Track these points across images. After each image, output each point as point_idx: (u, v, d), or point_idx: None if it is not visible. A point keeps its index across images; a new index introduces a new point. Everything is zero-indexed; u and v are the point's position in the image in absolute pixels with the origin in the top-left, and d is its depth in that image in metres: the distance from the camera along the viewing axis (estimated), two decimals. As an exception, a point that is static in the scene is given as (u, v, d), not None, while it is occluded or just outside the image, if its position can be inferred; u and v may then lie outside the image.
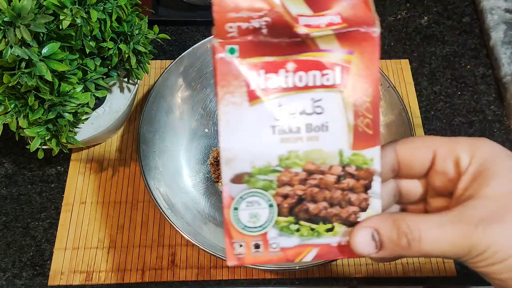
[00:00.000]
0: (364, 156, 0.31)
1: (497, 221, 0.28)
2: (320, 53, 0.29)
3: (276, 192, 0.31)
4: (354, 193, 0.31)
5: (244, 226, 0.32)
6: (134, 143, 0.64)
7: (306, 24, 0.28)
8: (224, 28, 0.28)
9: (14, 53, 0.42)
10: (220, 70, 0.29)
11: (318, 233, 0.32)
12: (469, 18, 0.76)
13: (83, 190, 0.61)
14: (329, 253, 0.32)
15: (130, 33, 0.53)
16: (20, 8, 0.41)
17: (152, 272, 0.56)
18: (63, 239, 0.58)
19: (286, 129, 0.30)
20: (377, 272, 0.56)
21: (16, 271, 0.56)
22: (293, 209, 0.31)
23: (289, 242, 0.32)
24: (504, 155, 0.30)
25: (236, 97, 0.30)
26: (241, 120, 0.30)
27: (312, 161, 0.31)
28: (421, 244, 0.29)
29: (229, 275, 0.55)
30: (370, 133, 0.30)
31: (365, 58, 0.29)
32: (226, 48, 0.29)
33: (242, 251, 0.32)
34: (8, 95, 0.47)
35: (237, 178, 0.31)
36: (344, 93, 0.30)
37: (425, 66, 0.71)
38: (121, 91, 0.59)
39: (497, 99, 0.69)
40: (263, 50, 0.29)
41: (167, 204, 0.53)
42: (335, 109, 0.30)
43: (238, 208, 0.31)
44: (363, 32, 0.29)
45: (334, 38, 0.29)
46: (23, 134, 0.49)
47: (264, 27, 0.28)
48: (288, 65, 0.29)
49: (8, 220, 0.59)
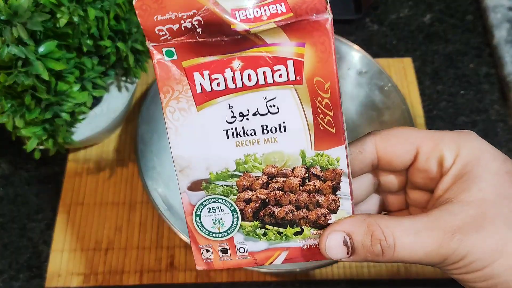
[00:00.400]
0: (329, 156, 0.29)
1: (475, 229, 0.27)
2: (267, 47, 0.27)
3: (238, 197, 0.30)
4: (322, 194, 0.30)
5: (208, 232, 0.31)
6: (132, 143, 0.64)
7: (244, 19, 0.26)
8: (154, 31, 0.26)
9: (10, 51, 0.41)
10: (161, 76, 0.28)
11: (287, 237, 0.31)
12: (472, 16, 0.75)
13: (80, 191, 0.60)
14: (299, 256, 0.31)
15: (128, 31, 0.52)
16: (17, 6, 0.40)
17: (151, 274, 0.55)
18: (60, 241, 0.57)
19: (240, 132, 0.29)
20: (379, 274, 0.55)
21: (13, 273, 0.55)
22: (257, 213, 0.31)
23: (257, 246, 0.31)
24: (491, 155, 0.29)
25: (182, 103, 0.28)
26: (191, 126, 0.29)
27: (272, 164, 0.30)
28: (395, 251, 0.28)
29: (228, 278, 0.55)
30: (333, 132, 0.28)
31: (319, 50, 0.27)
32: (163, 51, 0.27)
33: (210, 256, 0.32)
34: (5, 95, 0.46)
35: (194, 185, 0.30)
36: (299, 90, 0.28)
37: (428, 65, 0.71)
38: (119, 90, 0.59)
39: (501, 98, 0.68)
40: (204, 50, 0.27)
41: (165, 205, 0.52)
42: (292, 108, 0.28)
43: (200, 215, 0.31)
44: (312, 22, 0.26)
45: (281, 31, 0.26)
46: (20, 134, 0.49)
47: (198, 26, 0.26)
48: (234, 63, 0.27)
49: (5, 221, 0.58)
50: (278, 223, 0.31)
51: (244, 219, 0.31)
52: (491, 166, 0.29)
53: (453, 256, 0.27)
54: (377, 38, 0.73)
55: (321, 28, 0.26)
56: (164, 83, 0.28)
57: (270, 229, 0.31)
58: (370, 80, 0.61)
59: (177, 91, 0.28)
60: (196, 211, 0.31)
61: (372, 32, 0.74)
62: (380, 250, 0.28)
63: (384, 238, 0.28)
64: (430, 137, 0.31)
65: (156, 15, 0.26)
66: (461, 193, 0.28)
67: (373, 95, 0.61)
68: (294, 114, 0.28)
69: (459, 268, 0.28)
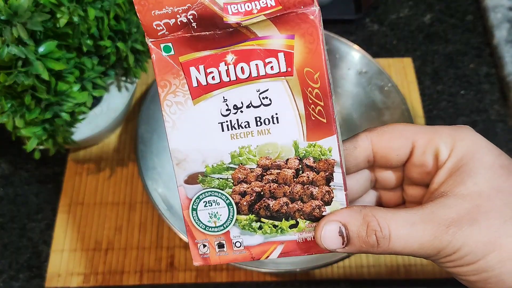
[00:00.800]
0: (321, 147, 0.29)
1: (469, 223, 0.27)
2: (259, 41, 0.28)
3: (233, 190, 0.31)
4: (316, 186, 0.30)
5: (205, 226, 0.31)
6: (132, 143, 0.63)
7: (236, 12, 0.27)
8: (152, 27, 0.27)
9: (10, 52, 0.41)
10: (159, 70, 0.29)
11: (282, 230, 0.31)
12: (472, 16, 0.75)
13: (80, 191, 0.60)
14: (295, 250, 0.31)
15: (128, 31, 0.52)
16: (17, 6, 0.40)
17: (151, 274, 0.55)
18: (60, 241, 0.57)
19: (234, 124, 0.29)
20: (379, 274, 0.55)
21: (12, 273, 0.55)
22: (253, 206, 0.31)
23: (253, 240, 0.31)
24: (485, 149, 0.29)
25: (179, 97, 0.29)
26: (187, 120, 0.29)
27: (266, 156, 0.30)
28: (390, 242, 0.28)
29: (228, 278, 0.55)
30: (324, 122, 0.29)
31: (307, 41, 0.28)
32: (161, 46, 0.28)
33: (207, 251, 0.32)
34: (5, 95, 0.46)
35: (191, 178, 0.31)
36: (291, 81, 0.28)
37: (428, 65, 0.71)
38: (119, 90, 0.59)
39: (501, 99, 0.68)
40: (199, 45, 0.28)
41: (165, 205, 0.52)
42: (283, 99, 0.29)
43: (197, 209, 0.31)
44: (300, 14, 0.27)
45: (271, 23, 0.27)
46: (20, 134, 0.49)
47: (192, 20, 0.27)
48: (227, 57, 0.28)
49: (5, 221, 0.58)
50: (273, 216, 0.31)
51: (240, 213, 0.31)
52: (486, 160, 0.29)
53: (447, 248, 0.27)
54: (377, 38, 0.73)
55: (308, 20, 0.27)
56: (162, 77, 0.29)
57: (266, 222, 0.31)
58: (370, 80, 0.61)
59: (174, 85, 0.29)
60: (193, 205, 0.31)
61: (372, 32, 0.74)
62: (375, 241, 0.28)
63: (379, 229, 0.28)
64: (426, 131, 0.31)
65: (153, 10, 0.27)
66: (456, 186, 0.29)
67: (373, 95, 0.61)
68: (286, 105, 0.29)
69: (453, 261, 0.28)
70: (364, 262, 0.56)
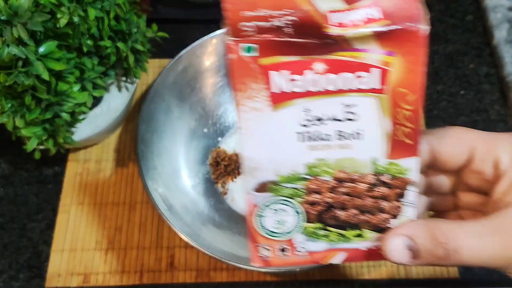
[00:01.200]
0: (400, 166, 0.28)
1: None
2: (354, 53, 0.25)
3: (304, 199, 0.30)
4: (387, 201, 0.30)
5: (269, 232, 0.31)
6: (132, 143, 0.63)
7: (339, 23, 0.25)
8: (237, 26, 0.25)
9: (11, 52, 0.41)
10: (237, 72, 0.26)
11: (347, 238, 0.31)
12: (472, 16, 0.75)
13: (80, 191, 0.60)
14: (358, 257, 0.31)
15: (128, 31, 0.52)
16: (17, 6, 0.40)
17: (151, 274, 0.55)
18: (60, 241, 0.57)
19: (314, 136, 0.28)
20: (379, 274, 0.55)
21: (12, 273, 0.55)
22: (322, 215, 0.30)
23: (317, 246, 0.31)
24: None
25: (257, 102, 0.27)
26: (264, 127, 0.27)
27: (343, 170, 0.29)
28: (459, 255, 0.27)
29: (228, 278, 0.55)
30: (410, 143, 0.28)
31: (409, 61, 0.26)
32: (242, 46, 0.25)
33: (269, 254, 0.31)
34: (5, 95, 0.46)
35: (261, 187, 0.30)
36: (381, 99, 0.26)
37: (428, 65, 0.70)
38: (119, 90, 0.59)
39: (501, 99, 0.68)
40: (287, 50, 0.25)
41: (165, 205, 0.52)
42: (371, 116, 0.27)
43: (263, 215, 0.30)
44: (408, 31, 0.25)
45: (373, 37, 0.25)
46: (20, 134, 0.49)
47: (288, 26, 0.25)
48: (315, 65, 0.26)
49: (5, 221, 0.58)
50: (340, 225, 0.30)
51: (308, 221, 0.30)
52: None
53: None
54: (377, 38, 0.73)
55: (415, 39, 0.25)
56: (240, 80, 0.26)
57: (332, 231, 0.30)
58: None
59: (253, 89, 0.27)
60: (260, 212, 0.30)
61: (372, 32, 0.74)
62: (444, 254, 0.28)
63: (447, 242, 0.27)
64: (485, 138, 0.30)
65: (244, 10, 0.25)
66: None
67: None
68: (372, 123, 0.27)
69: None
70: (364, 262, 0.56)
